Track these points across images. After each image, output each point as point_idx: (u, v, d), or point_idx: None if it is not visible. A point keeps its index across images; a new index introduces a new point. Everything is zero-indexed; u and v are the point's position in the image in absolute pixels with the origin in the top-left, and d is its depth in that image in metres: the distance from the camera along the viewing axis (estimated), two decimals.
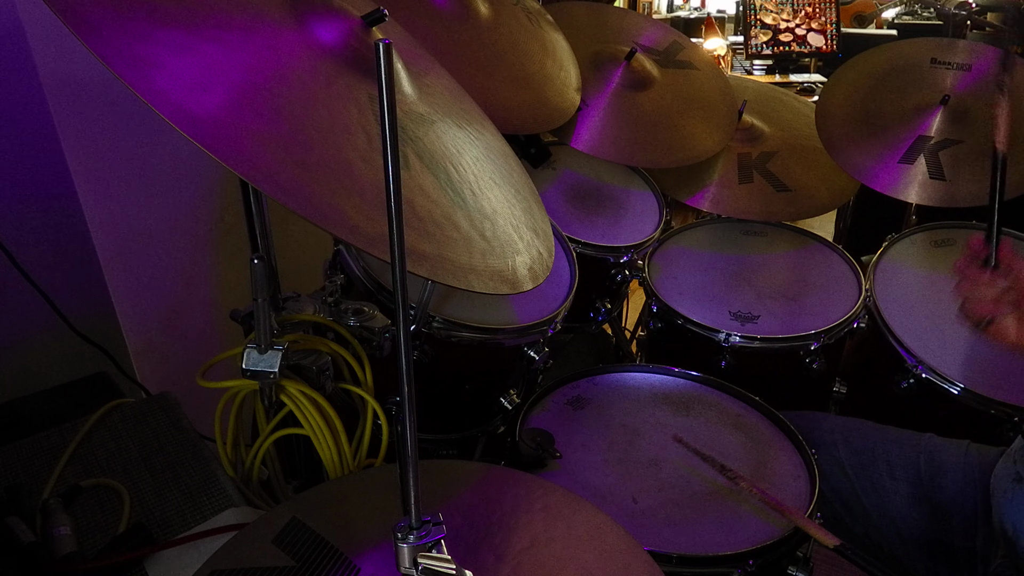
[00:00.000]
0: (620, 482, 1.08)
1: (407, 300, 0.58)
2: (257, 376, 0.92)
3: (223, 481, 0.96)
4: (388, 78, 0.51)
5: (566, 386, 1.29)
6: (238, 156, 0.65)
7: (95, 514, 0.90)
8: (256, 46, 0.73)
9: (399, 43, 1.03)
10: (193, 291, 1.61)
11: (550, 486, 0.83)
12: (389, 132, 0.52)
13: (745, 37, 3.42)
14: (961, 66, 1.73)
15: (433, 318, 1.17)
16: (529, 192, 1.09)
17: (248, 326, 1.01)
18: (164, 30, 0.67)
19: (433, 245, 0.78)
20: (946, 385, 1.38)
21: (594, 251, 1.59)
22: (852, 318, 1.51)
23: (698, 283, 1.64)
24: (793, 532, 0.99)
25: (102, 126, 1.35)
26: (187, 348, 1.62)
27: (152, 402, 1.11)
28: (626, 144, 1.64)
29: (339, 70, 0.80)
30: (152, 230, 1.50)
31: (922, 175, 1.58)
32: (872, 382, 1.59)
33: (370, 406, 1.04)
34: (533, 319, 1.27)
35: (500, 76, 1.45)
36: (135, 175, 1.43)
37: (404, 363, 0.60)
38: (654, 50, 1.85)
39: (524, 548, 0.75)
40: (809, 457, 1.12)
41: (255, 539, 0.75)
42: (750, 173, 1.77)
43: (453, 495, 0.81)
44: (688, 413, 1.23)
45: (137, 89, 0.61)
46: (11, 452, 0.99)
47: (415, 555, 0.65)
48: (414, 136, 0.86)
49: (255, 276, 0.87)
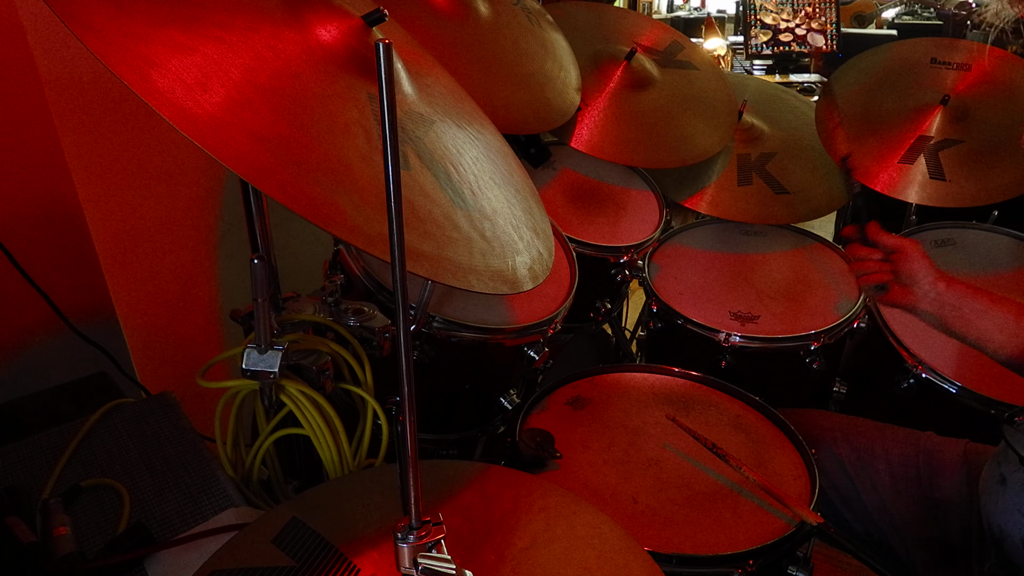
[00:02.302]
0: (620, 482, 1.08)
1: (407, 300, 0.58)
2: (257, 376, 0.92)
3: (223, 481, 0.96)
4: (388, 78, 0.51)
5: (566, 386, 1.29)
6: (238, 156, 0.65)
7: (95, 514, 0.90)
8: (256, 46, 0.73)
9: (399, 43, 1.03)
10: (193, 291, 1.61)
11: (550, 486, 0.84)
12: (389, 132, 0.52)
13: (745, 37, 3.42)
14: (961, 66, 1.73)
15: (433, 318, 1.17)
16: (529, 192, 1.09)
17: (248, 326, 1.01)
18: (164, 30, 0.67)
19: (433, 245, 0.78)
20: (946, 385, 1.38)
21: (594, 251, 1.59)
22: (852, 318, 1.51)
23: (698, 283, 1.64)
24: (793, 532, 0.99)
25: (102, 126, 1.35)
26: (187, 348, 1.62)
27: (152, 402, 1.10)
28: (626, 144, 1.64)
29: (339, 70, 0.80)
30: (152, 230, 1.50)
31: (922, 175, 1.58)
32: (872, 382, 1.59)
33: (370, 406, 1.04)
34: (533, 319, 1.27)
35: (500, 76, 1.45)
36: (135, 175, 1.43)
37: (404, 363, 0.60)
38: (654, 50, 1.85)
39: (524, 548, 0.75)
40: (809, 456, 1.12)
41: (255, 539, 0.75)
42: (749, 175, 1.77)
43: (453, 495, 0.81)
44: (688, 413, 1.23)
45: (137, 89, 0.61)
46: (11, 452, 0.99)
47: (415, 555, 0.65)
48: (414, 136, 0.86)
49: (255, 276, 0.87)
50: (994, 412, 1.34)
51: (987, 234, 1.71)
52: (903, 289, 1.22)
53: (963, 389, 1.36)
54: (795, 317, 1.54)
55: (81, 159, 1.34)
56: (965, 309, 1.16)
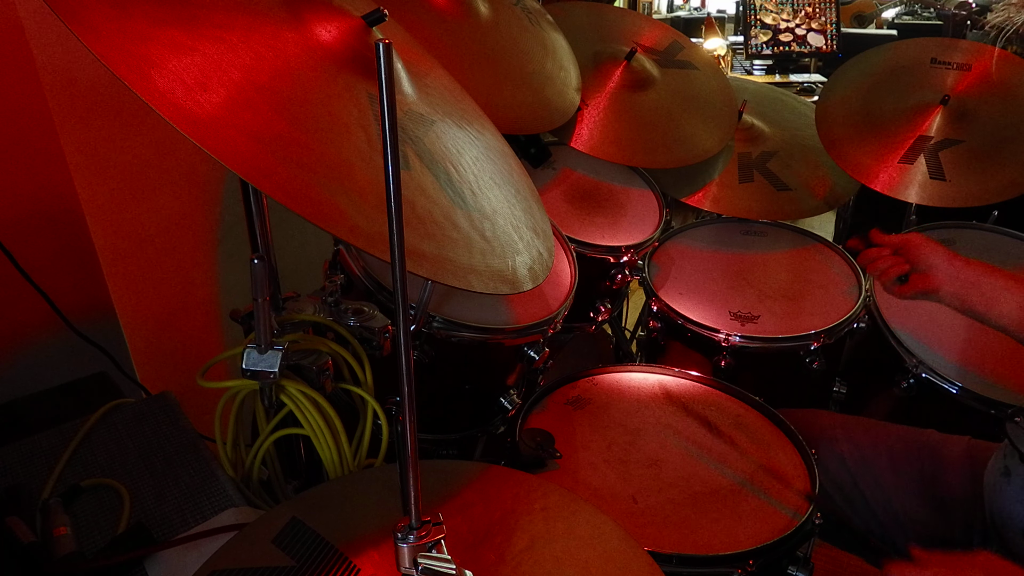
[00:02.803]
0: (620, 482, 1.08)
1: (407, 300, 0.58)
2: (257, 376, 0.92)
3: (223, 481, 0.96)
4: (388, 78, 0.51)
5: (566, 386, 1.29)
6: (238, 156, 0.65)
7: (95, 514, 0.90)
8: (256, 46, 0.73)
9: (399, 43, 1.03)
10: (193, 291, 1.61)
11: (550, 486, 0.84)
12: (389, 132, 0.52)
13: (745, 37, 3.42)
14: (961, 66, 1.73)
15: (433, 318, 1.17)
16: (529, 192, 1.09)
17: (248, 326, 1.01)
18: (164, 30, 0.67)
19: (433, 245, 0.78)
20: (946, 385, 1.38)
21: (594, 251, 1.59)
22: (852, 318, 1.51)
23: (698, 283, 1.64)
24: (793, 532, 0.99)
25: (102, 126, 1.35)
26: (187, 348, 1.62)
27: (152, 402, 1.10)
28: (626, 144, 1.64)
29: (339, 70, 0.80)
30: (152, 230, 1.50)
31: (922, 175, 1.58)
32: (872, 382, 1.59)
33: (370, 406, 1.04)
34: (533, 319, 1.27)
35: (500, 76, 1.45)
36: (135, 175, 1.43)
37: (404, 363, 0.60)
38: (654, 50, 1.85)
39: (524, 548, 0.75)
40: (809, 457, 1.12)
41: (255, 539, 0.75)
42: (750, 172, 1.77)
43: (453, 495, 0.81)
44: (688, 413, 1.23)
45: (137, 89, 0.61)
46: (11, 452, 0.99)
47: (415, 555, 0.65)
48: (414, 136, 0.86)
49: (255, 276, 0.87)
50: (994, 412, 1.34)
51: (987, 234, 1.71)
52: (923, 276, 1.22)
53: (963, 389, 1.36)
54: (795, 317, 1.54)
55: (81, 159, 1.34)
56: (984, 287, 1.16)
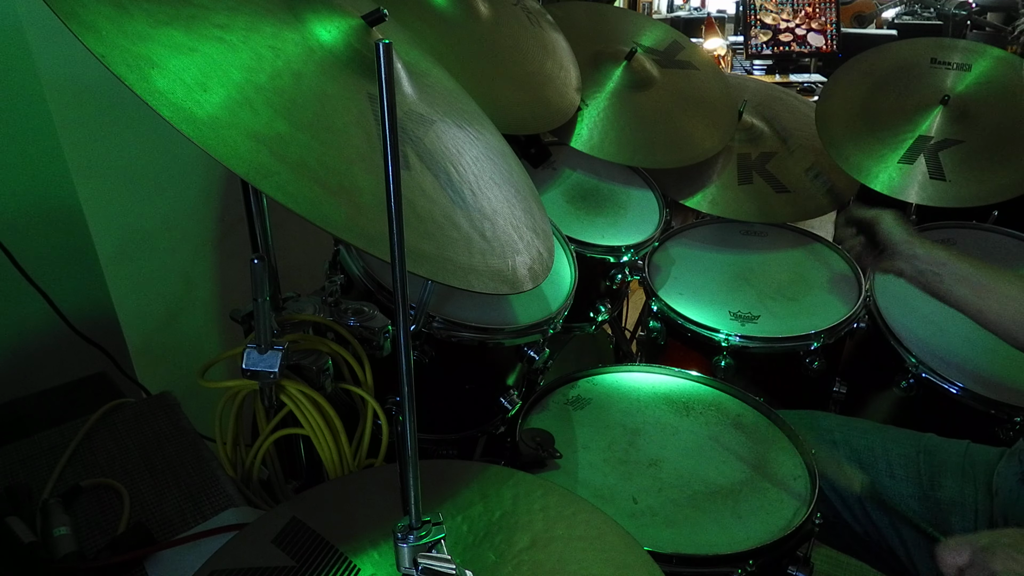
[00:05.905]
0: (620, 482, 1.08)
1: (407, 300, 0.58)
2: (257, 376, 0.92)
3: (223, 481, 0.96)
4: (388, 78, 0.51)
5: (566, 386, 1.29)
6: (238, 156, 0.65)
7: (95, 514, 0.90)
8: (256, 46, 0.73)
9: (399, 43, 1.03)
10: (193, 291, 1.61)
11: (550, 486, 0.84)
12: (389, 132, 0.52)
13: (745, 37, 3.42)
14: (961, 66, 1.73)
15: (433, 318, 1.17)
16: (529, 192, 1.09)
17: (248, 326, 1.01)
18: (164, 30, 0.67)
19: (433, 245, 0.78)
20: (946, 385, 1.38)
21: (594, 251, 1.59)
22: (852, 318, 1.51)
23: (698, 283, 1.64)
24: (793, 532, 0.99)
25: (102, 126, 1.35)
26: (187, 348, 1.62)
27: (152, 402, 1.10)
28: (626, 144, 1.64)
29: (339, 70, 0.80)
30: (152, 230, 1.50)
31: (922, 175, 1.58)
32: (872, 382, 1.58)
33: (370, 406, 1.04)
34: (533, 319, 1.27)
35: (500, 76, 1.45)
36: (135, 175, 1.43)
37: (404, 363, 0.60)
38: (654, 50, 1.85)
39: (524, 548, 0.75)
40: (809, 457, 1.12)
41: (255, 539, 0.75)
42: (750, 174, 1.77)
43: (453, 495, 0.81)
44: (688, 413, 1.23)
45: (137, 89, 0.61)
46: (11, 452, 0.99)
47: (415, 555, 0.65)
48: (414, 136, 0.86)
49: (255, 276, 0.87)
50: (994, 412, 1.34)
51: (987, 234, 1.71)
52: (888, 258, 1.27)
53: (963, 389, 1.36)
54: (795, 317, 1.54)
55: (81, 159, 1.34)
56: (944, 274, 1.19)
